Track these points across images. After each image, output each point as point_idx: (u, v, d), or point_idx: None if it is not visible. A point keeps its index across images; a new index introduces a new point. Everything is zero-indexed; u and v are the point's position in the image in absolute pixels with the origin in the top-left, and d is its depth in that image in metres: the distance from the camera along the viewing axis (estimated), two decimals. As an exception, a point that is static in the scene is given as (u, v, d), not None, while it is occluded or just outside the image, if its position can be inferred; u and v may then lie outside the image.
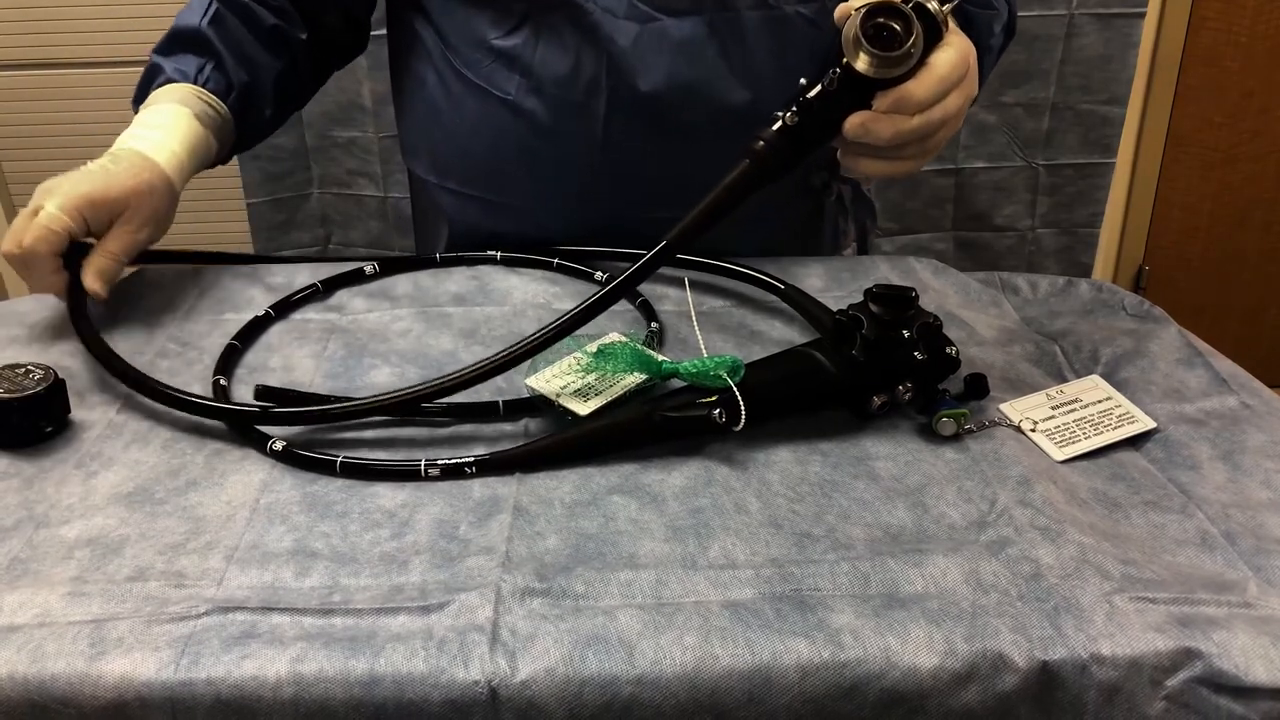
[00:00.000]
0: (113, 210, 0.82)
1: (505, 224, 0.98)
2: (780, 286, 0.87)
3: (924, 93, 0.68)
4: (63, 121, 2.02)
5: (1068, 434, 0.70)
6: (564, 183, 0.94)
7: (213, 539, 0.60)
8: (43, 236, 0.78)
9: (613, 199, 0.94)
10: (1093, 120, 1.88)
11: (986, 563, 0.57)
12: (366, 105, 1.88)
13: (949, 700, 0.51)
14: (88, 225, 0.81)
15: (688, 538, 0.60)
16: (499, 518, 0.61)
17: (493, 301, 0.88)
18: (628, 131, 0.91)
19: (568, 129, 0.91)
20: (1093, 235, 1.99)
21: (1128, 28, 1.81)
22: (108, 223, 0.82)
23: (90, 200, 0.80)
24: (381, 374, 0.77)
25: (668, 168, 0.91)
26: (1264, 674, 0.51)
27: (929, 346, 0.68)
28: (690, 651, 0.51)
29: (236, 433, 0.69)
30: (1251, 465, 0.67)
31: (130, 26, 1.95)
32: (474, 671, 0.50)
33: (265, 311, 0.84)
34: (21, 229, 0.79)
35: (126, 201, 0.82)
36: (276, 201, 1.98)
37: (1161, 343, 0.80)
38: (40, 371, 0.69)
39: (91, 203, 0.80)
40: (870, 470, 0.66)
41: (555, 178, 0.94)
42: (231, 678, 0.50)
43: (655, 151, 0.91)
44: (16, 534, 0.61)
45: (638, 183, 0.93)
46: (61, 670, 0.50)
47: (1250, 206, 2.29)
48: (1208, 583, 0.57)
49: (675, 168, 0.91)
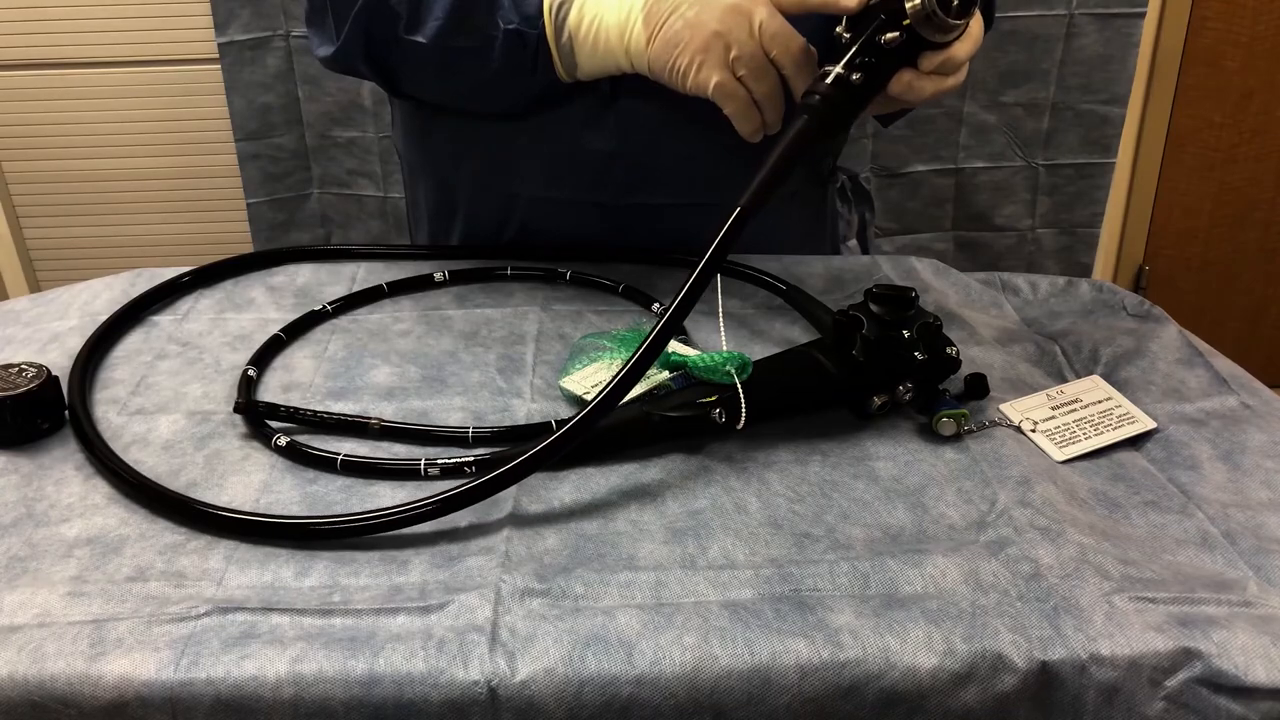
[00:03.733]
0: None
1: (517, 215, 0.98)
2: (782, 287, 0.87)
3: (964, 55, 0.72)
4: (63, 121, 2.02)
5: (1068, 434, 0.70)
6: (577, 168, 0.94)
7: (213, 539, 0.60)
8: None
9: (626, 182, 0.94)
10: (1093, 120, 1.88)
11: (986, 563, 0.57)
12: (366, 105, 1.88)
13: (948, 700, 0.51)
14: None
15: (687, 538, 0.60)
16: (499, 518, 0.61)
17: (494, 302, 0.88)
18: (641, 115, 0.90)
19: (580, 113, 0.91)
20: (1093, 235, 1.99)
21: (1128, 28, 1.81)
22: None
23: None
24: (382, 374, 0.77)
25: (680, 151, 0.91)
26: (1264, 674, 0.51)
27: (929, 346, 0.68)
28: (690, 651, 0.51)
29: (250, 427, 0.70)
30: (1251, 465, 0.67)
31: (130, 26, 1.95)
32: (473, 671, 0.50)
33: (323, 307, 0.85)
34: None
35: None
36: (276, 201, 1.98)
37: (1161, 343, 0.80)
38: (34, 369, 0.70)
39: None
40: (870, 470, 0.66)
41: (568, 163, 0.94)
42: (231, 678, 0.50)
43: (668, 135, 0.91)
44: (15, 532, 0.61)
45: (651, 166, 0.93)
46: (61, 670, 0.50)
47: (1250, 206, 2.29)
48: (1208, 582, 0.57)
49: (688, 151, 0.91)
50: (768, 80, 0.77)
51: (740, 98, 0.77)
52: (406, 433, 0.69)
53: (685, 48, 0.77)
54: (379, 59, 0.90)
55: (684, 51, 0.77)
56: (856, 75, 0.69)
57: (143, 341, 0.82)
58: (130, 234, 2.12)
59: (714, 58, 0.76)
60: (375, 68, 0.91)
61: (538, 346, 0.81)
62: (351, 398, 0.74)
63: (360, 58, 0.90)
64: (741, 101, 0.77)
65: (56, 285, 0.93)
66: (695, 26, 0.76)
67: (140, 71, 1.98)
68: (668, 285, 0.90)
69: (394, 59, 0.89)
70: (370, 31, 0.87)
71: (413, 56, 0.87)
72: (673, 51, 0.77)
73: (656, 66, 0.79)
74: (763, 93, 0.77)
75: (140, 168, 2.06)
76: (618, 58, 0.81)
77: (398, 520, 0.60)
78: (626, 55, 0.81)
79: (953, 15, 0.67)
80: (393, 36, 0.86)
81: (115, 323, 0.83)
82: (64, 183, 2.07)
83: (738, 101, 0.77)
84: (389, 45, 0.88)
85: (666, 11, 0.77)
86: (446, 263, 0.93)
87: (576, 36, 0.82)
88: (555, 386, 0.75)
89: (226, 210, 2.08)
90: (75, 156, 2.05)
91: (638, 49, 0.79)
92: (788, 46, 0.75)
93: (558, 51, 0.83)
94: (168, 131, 2.03)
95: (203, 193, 2.08)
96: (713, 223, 0.68)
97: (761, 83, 0.77)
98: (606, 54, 0.82)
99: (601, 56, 0.82)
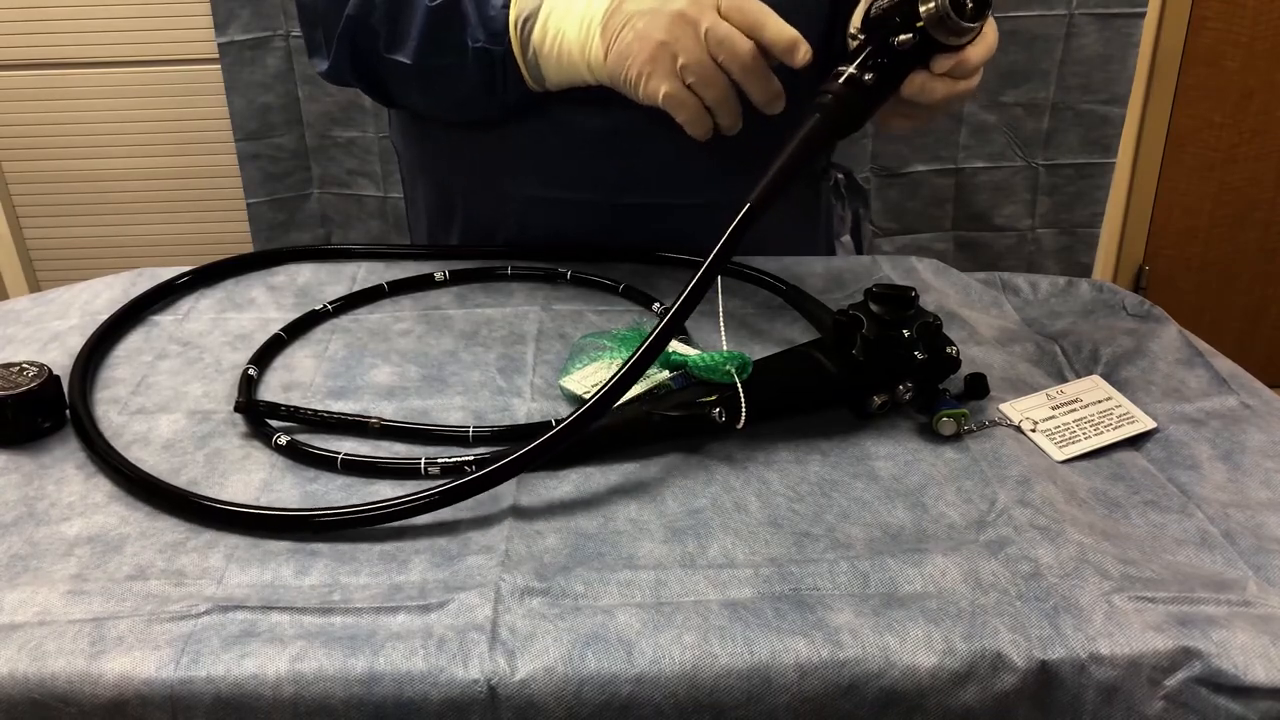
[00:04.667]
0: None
1: (515, 214, 0.98)
2: (782, 287, 0.87)
3: (978, 59, 0.72)
4: (63, 121, 2.02)
5: (1068, 434, 0.70)
6: (572, 167, 0.94)
7: (213, 537, 0.60)
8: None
9: (620, 182, 0.94)
10: (1092, 120, 1.88)
11: (986, 562, 0.57)
12: (366, 105, 1.89)
13: (947, 699, 0.51)
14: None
15: (687, 537, 0.60)
16: (498, 517, 0.61)
17: (494, 302, 0.88)
18: (637, 116, 0.90)
19: (577, 112, 0.91)
20: (1093, 235, 1.99)
21: (1128, 28, 1.81)
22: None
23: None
24: (382, 373, 0.77)
25: (672, 150, 0.91)
26: (1263, 673, 0.51)
27: (929, 346, 0.68)
28: (689, 650, 0.51)
29: (250, 427, 0.70)
30: (1251, 465, 0.67)
31: (130, 26, 1.95)
32: (473, 670, 0.50)
33: (324, 306, 0.85)
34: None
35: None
36: (276, 201, 1.98)
37: (1161, 343, 0.80)
38: (35, 369, 0.70)
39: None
40: (870, 470, 0.66)
41: (564, 161, 0.94)
42: (231, 676, 0.50)
43: (663, 134, 0.91)
44: (16, 531, 0.61)
45: (644, 165, 0.93)
46: (62, 669, 0.50)
47: (1250, 206, 2.29)
48: (1207, 582, 0.57)
49: (682, 150, 0.91)
50: (717, 86, 0.77)
51: (690, 105, 0.78)
52: (407, 432, 0.69)
53: (635, 60, 0.78)
54: (367, 74, 0.92)
55: (634, 63, 0.78)
56: (869, 75, 0.69)
57: (143, 341, 0.82)
58: (130, 234, 2.12)
59: (662, 68, 0.77)
60: (365, 82, 0.93)
61: (538, 346, 0.81)
62: (352, 397, 0.74)
63: (350, 73, 0.92)
64: (692, 109, 0.78)
65: (56, 285, 0.93)
66: (643, 38, 0.77)
67: (140, 71, 1.98)
68: (668, 285, 0.90)
69: (381, 74, 0.91)
70: (356, 48, 0.89)
71: (396, 72, 0.89)
72: (624, 63, 0.79)
73: (613, 78, 0.81)
74: (713, 98, 0.78)
75: (140, 168, 2.06)
76: (580, 71, 0.83)
77: (401, 511, 0.60)
78: (588, 69, 0.82)
79: (966, 18, 0.67)
80: (375, 54, 0.88)
81: (116, 322, 0.83)
82: (64, 183, 2.07)
83: (688, 110, 0.78)
84: (373, 62, 0.89)
85: (620, 25, 0.78)
86: (447, 262, 0.93)
87: (540, 51, 0.83)
88: (555, 386, 0.75)
89: (226, 210, 2.08)
90: (75, 156, 2.05)
91: (597, 62, 0.81)
92: (734, 51, 0.75)
93: (525, 66, 0.84)
94: (168, 131, 2.03)
95: (203, 193, 2.08)
96: (709, 222, 0.68)
97: (711, 89, 0.77)
98: (570, 68, 0.83)
99: (566, 70, 0.83)
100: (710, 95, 0.78)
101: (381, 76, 0.91)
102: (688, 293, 0.65)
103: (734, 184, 0.69)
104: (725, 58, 0.76)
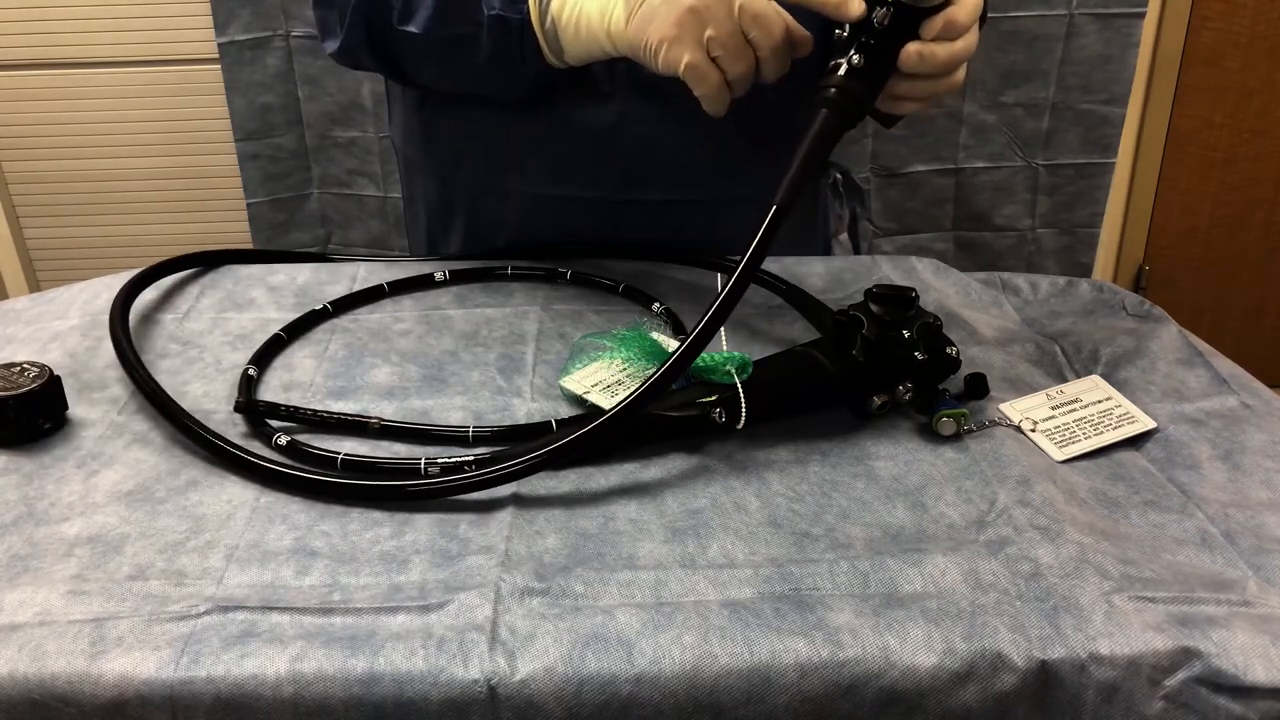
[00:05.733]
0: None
1: (517, 212, 0.98)
2: (782, 287, 0.87)
3: (966, 16, 0.70)
4: (63, 121, 2.02)
5: (1068, 434, 0.70)
6: (575, 164, 0.94)
7: (213, 538, 0.60)
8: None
9: (625, 179, 0.94)
10: (1092, 120, 1.88)
11: (985, 562, 0.57)
12: (366, 105, 1.88)
13: (947, 699, 0.51)
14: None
15: (687, 537, 0.60)
16: (498, 517, 0.61)
17: (494, 302, 0.88)
18: (642, 111, 0.90)
19: (580, 108, 0.91)
20: (1093, 235, 1.99)
21: (1128, 28, 1.81)
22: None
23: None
24: (382, 373, 0.77)
25: (680, 148, 0.91)
26: (1263, 673, 0.51)
27: (929, 346, 0.68)
28: (689, 650, 0.51)
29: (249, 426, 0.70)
30: (1251, 465, 0.67)
31: (130, 26, 1.95)
32: (473, 670, 0.50)
33: (324, 306, 0.85)
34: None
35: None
36: (276, 201, 1.98)
37: (1161, 343, 0.80)
38: (36, 369, 0.70)
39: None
40: (870, 470, 0.66)
41: (567, 158, 0.94)
42: (231, 676, 0.50)
43: (667, 130, 0.91)
44: (16, 531, 0.61)
45: (649, 161, 0.93)
46: (62, 669, 0.50)
47: (1250, 206, 2.29)
48: (1207, 582, 0.57)
49: (687, 148, 0.91)
50: (744, 61, 0.74)
51: (712, 79, 0.75)
52: (407, 432, 0.69)
53: (659, 24, 0.75)
54: (381, 49, 0.90)
55: (658, 28, 0.75)
56: (858, 57, 0.68)
57: (144, 340, 0.82)
58: (130, 234, 2.12)
59: (689, 35, 0.74)
60: (379, 58, 0.91)
61: (538, 346, 0.81)
62: (352, 397, 0.74)
63: (364, 49, 0.90)
64: (713, 83, 0.75)
65: (56, 285, 0.93)
66: (671, 3, 0.74)
67: (140, 71, 1.98)
68: (668, 285, 0.90)
69: (394, 48, 0.90)
70: (370, 22, 0.88)
71: (409, 46, 0.88)
72: (647, 28, 0.76)
73: (632, 44, 0.78)
74: (737, 74, 0.75)
75: (140, 168, 2.06)
76: (600, 41, 0.81)
77: (482, 480, 0.61)
78: (608, 37, 0.80)
79: None
80: (389, 27, 0.87)
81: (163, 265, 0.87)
82: (64, 183, 2.07)
83: (709, 84, 0.75)
84: (388, 35, 0.88)
85: None
86: (447, 262, 0.93)
87: (560, 21, 0.81)
88: (555, 386, 0.75)
89: (226, 210, 2.08)
90: (75, 156, 2.05)
91: (617, 29, 0.78)
92: (769, 29, 0.73)
93: (543, 36, 0.83)
94: (168, 131, 2.03)
95: (203, 193, 2.08)
96: (712, 218, 0.68)
97: (738, 64, 0.74)
98: (590, 38, 0.81)
99: (585, 40, 0.82)
100: (735, 70, 0.75)
101: (394, 51, 0.90)
102: (723, 297, 0.63)
103: (738, 180, 0.69)
104: (758, 34, 0.73)
